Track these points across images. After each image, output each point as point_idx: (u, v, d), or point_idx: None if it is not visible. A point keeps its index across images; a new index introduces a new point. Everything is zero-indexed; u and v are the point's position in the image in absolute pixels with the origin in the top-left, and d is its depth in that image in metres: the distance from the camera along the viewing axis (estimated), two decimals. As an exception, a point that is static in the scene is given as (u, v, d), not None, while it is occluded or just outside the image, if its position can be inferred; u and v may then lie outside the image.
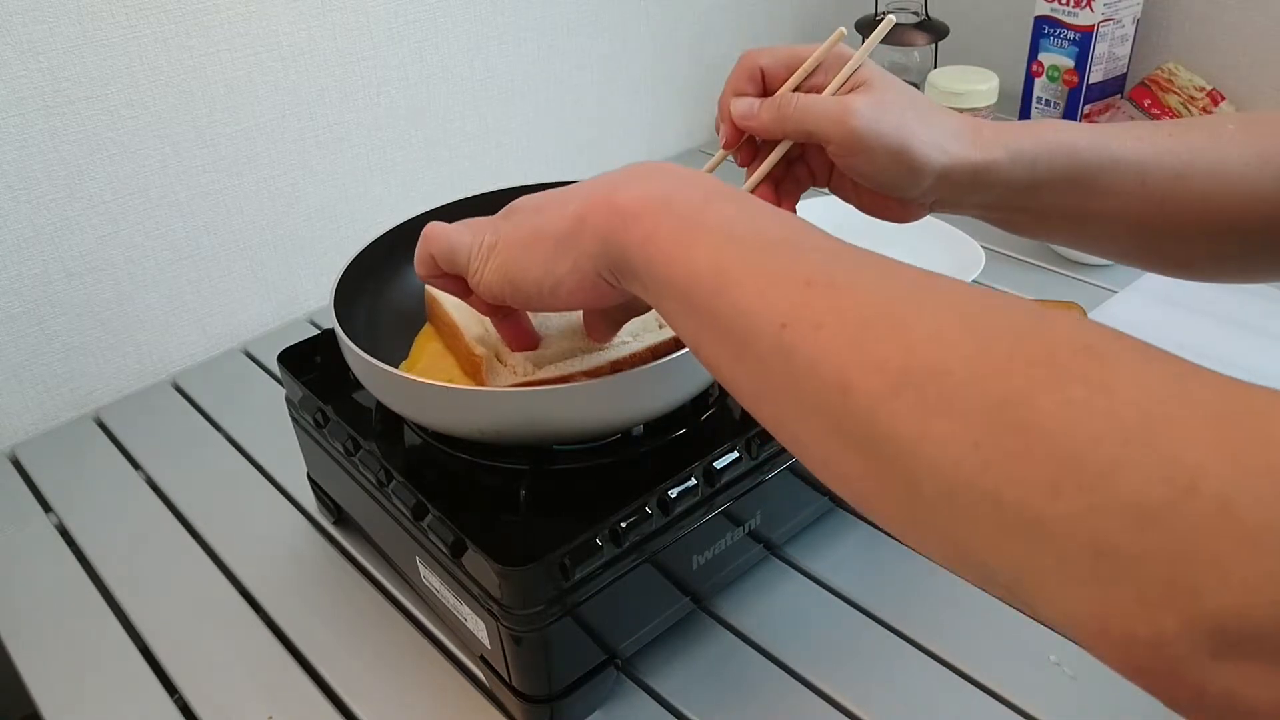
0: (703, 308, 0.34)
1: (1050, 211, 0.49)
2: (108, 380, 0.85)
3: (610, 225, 0.38)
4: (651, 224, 0.37)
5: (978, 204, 0.50)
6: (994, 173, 0.47)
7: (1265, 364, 0.78)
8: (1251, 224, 0.47)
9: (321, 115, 0.91)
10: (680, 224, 0.36)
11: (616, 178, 0.40)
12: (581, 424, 0.51)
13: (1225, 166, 0.47)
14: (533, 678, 0.52)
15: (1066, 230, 0.51)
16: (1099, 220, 0.49)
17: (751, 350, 0.33)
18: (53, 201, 0.77)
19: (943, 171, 0.47)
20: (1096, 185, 0.48)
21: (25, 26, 0.72)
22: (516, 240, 0.42)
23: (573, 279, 0.40)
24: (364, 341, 0.52)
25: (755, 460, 0.56)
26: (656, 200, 0.37)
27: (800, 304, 0.32)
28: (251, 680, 0.59)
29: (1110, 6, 1.04)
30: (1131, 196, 0.48)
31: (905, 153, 0.46)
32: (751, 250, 0.34)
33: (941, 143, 0.47)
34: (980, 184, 0.48)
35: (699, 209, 0.37)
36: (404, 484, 0.53)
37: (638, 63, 1.16)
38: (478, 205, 0.65)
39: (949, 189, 0.48)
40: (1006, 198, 0.49)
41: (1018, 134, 0.48)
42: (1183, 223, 0.48)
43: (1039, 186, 0.48)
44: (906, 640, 0.59)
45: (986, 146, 0.47)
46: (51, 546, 0.70)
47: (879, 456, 0.29)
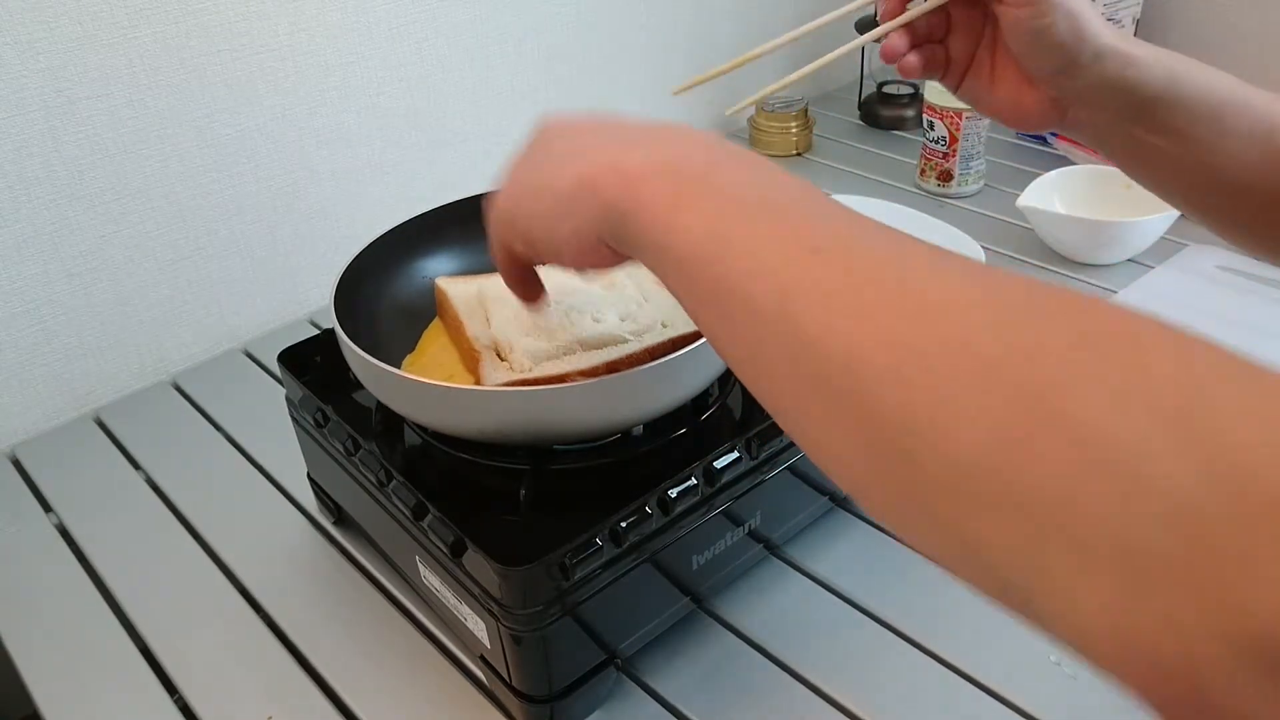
0: (702, 274, 0.32)
1: (1177, 138, 0.48)
2: (108, 380, 0.85)
3: (612, 191, 0.36)
4: (654, 188, 0.35)
5: (1116, 107, 0.49)
6: (1138, 70, 0.47)
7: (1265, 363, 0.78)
8: None
9: (321, 115, 0.91)
10: (683, 187, 0.34)
11: (628, 136, 0.38)
12: (581, 424, 0.51)
13: None
14: (533, 678, 0.52)
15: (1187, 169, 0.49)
16: (1221, 162, 0.48)
17: (750, 320, 0.31)
18: (53, 201, 0.77)
19: (1100, 50, 0.47)
20: (1227, 122, 0.47)
21: (25, 26, 0.72)
22: (525, 187, 0.41)
23: (574, 241, 0.38)
24: (364, 341, 0.52)
25: (755, 460, 0.56)
26: (661, 164, 0.35)
27: (805, 272, 0.29)
28: (251, 680, 0.59)
29: (1110, 7, 1.04)
30: (1259, 143, 0.47)
31: (1077, 17, 0.46)
32: (756, 214, 0.32)
33: (1101, 27, 0.47)
34: (1124, 81, 0.47)
35: (704, 172, 0.35)
36: (404, 484, 0.53)
37: (638, 63, 1.16)
38: (477, 205, 0.65)
39: (1095, 78, 0.47)
40: (1144, 107, 0.48)
41: (1158, 49, 0.47)
42: None
43: (1174, 104, 0.47)
44: (906, 640, 0.59)
45: (1131, 43, 0.47)
46: (51, 546, 0.70)
47: (883, 438, 0.27)
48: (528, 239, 0.41)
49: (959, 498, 0.25)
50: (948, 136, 1.05)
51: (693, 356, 0.50)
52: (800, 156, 1.22)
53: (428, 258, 0.65)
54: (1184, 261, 0.93)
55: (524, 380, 0.52)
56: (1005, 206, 1.04)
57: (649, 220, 0.35)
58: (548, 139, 0.42)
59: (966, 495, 0.25)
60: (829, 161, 1.20)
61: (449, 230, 0.65)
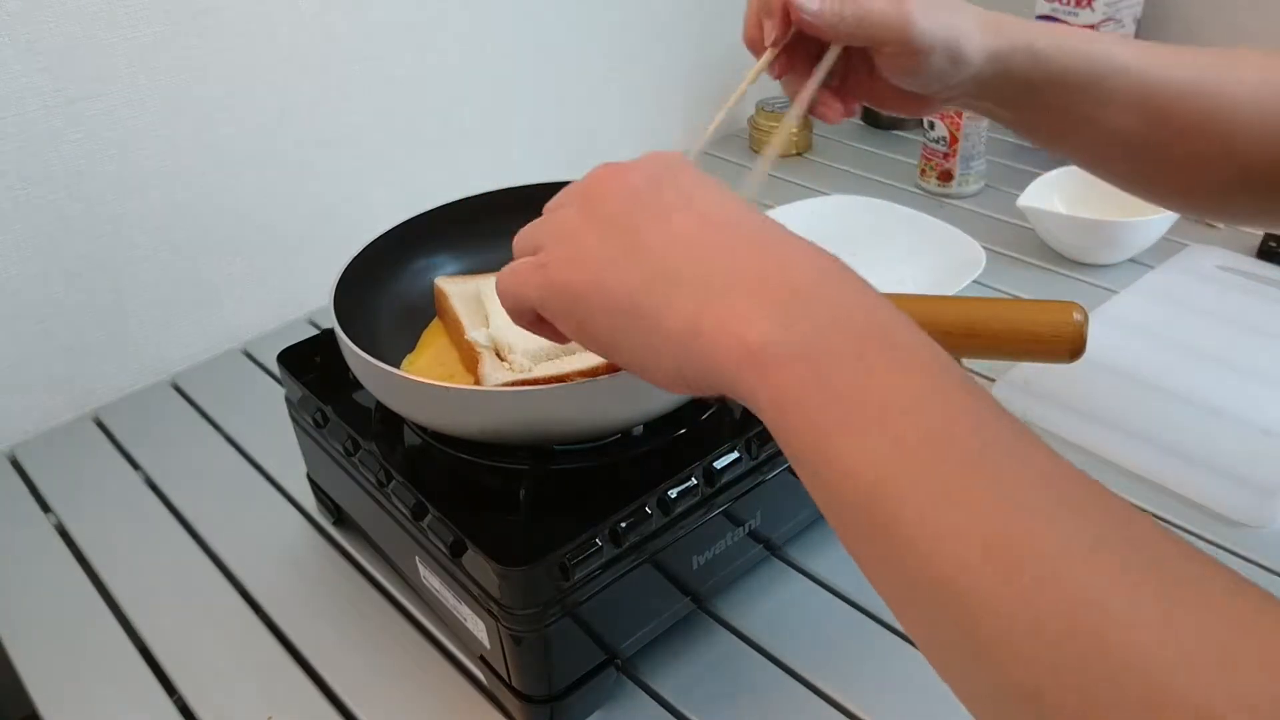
0: (854, 518, 0.29)
1: (1059, 113, 0.50)
2: (108, 380, 0.85)
3: (733, 365, 0.31)
4: (787, 383, 0.29)
5: (997, 98, 0.50)
6: (1011, 63, 0.48)
7: (1265, 364, 0.78)
8: (1254, 159, 0.47)
9: (321, 115, 0.91)
10: (826, 398, 0.29)
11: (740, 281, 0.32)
12: (581, 424, 0.51)
13: (1232, 93, 0.47)
14: (533, 678, 0.52)
15: (1073, 137, 0.51)
16: (1103, 129, 0.49)
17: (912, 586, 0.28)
18: (53, 201, 0.77)
19: (979, 64, 0.48)
20: (1104, 91, 0.48)
21: (25, 26, 0.72)
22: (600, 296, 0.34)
23: (665, 379, 0.34)
24: (364, 341, 0.52)
25: (755, 460, 0.56)
26: (796, 350, 0.30)
27: (976, 568, 0.26)
28: (251, 680, 0.59)
29: (1111, 6, 1.04)
30: (1136, 107, 0.48)
31: (956, 52, 0.47)
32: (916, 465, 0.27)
33: (976, 36, 0.47)
34: (1001, 75, 0.48)
35: (852, 375, 0.29)
36: (404, 484, 0.53)
37: (638, 64, 1.16)
38: (477, 205, 0.65)
39: (974, 83, 0.49)
40: (1020, 93, 0.49)
41: (1038, 30, 0.48)
42: (1184, 144, 0.48)
43: (1054, 84, 0.48)
44: (906, 640, 0.59)
45: (1010, 36, 0.48)
46: (51, 546, 0.70)
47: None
48: (586, 336, 0.36)
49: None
50: (948, 136, 1.05)
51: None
52: (800, 156, 1.22)
53: (428, 258, 0.65)
54: (1184, 261, 0.93)
55: (524, 380, 0.52)
56: (1005, 206, 1.04)
57: (791, 427, 0.30)
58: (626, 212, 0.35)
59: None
60: (829, 161, 1.20)
61: (449, 230, 0.65)
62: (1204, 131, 0.47)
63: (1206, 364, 0.78)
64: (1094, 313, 0.86)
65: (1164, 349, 0.81)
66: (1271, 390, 0.75)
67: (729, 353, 0.31)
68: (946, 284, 0.86)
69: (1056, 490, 0.27)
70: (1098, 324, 0.81)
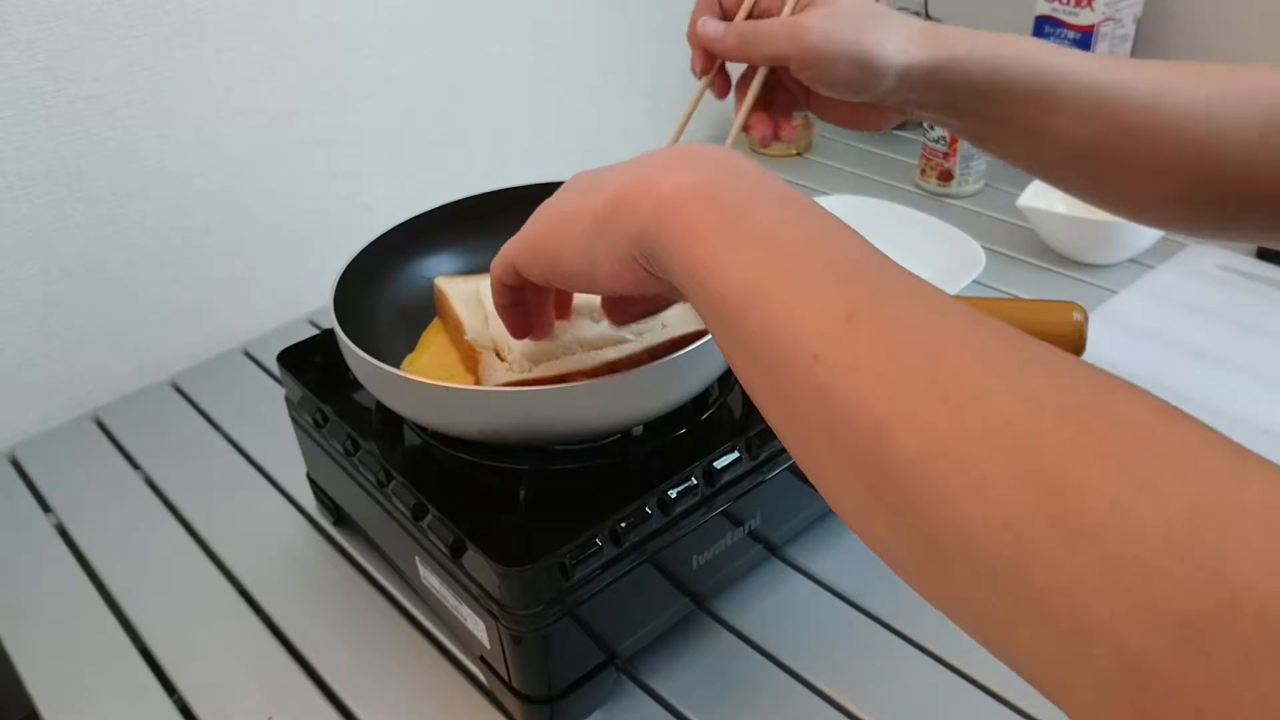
0: (735, 321, 0.32)
1: (1006, 123, 0.50)
2: (108, 380, 0.85)
3: (648, 213, 0.36)
4: (690, 218, 0.34)
5: (941, 106, 0.51)
6: (953, 70, 0.48)
7: (1265, 364, 0.78)
8: (1206, 171, 0.47)
9: (321, 115, 0.91)
10: (721, 222, 0.34)
11: (661, 160, 0.38)
12: (581, 424, 0.51)
13: (1185, 105, 0.47)
14: (533, 678, 0.52)
15: (1023, 146, 0.51)
16: (1055, 140, 0.49)
17: (782, 377, 0.30)
18: (53, 201, 0.77)
19: (903, 71, 0.48)
20: (1053, 101, 0.48)
21: (25, 26, 0.72)
22: (555, 214, 0.41)
23: (609, 263, 0.38)
24: (364, 341, 0.52)
25: (755, 460, 0.56)
26: (699, 191, 0.35)
27: (837, 339, 0.29)
28: (251, 680, 0.59)
29: (1111, 6, 1.04)
30: (1088, 119, 0.48)
31: (864, 58, 0.48)
32: (792, 266, 0.31)
33: (901, 44, 0.48)
34: (939, 83, 0.49)
35: (743, 208, 0.34)
36: (404, 484, 0.53)
37: (638, 63, 1.16)
38: (477, 205, 0.65)
39: (911, 89, 0.49)
40: (962, 101, 0.49)
41: (981, 38, 0.49)
42: (1137, 157, 0.48)
43: (998, 93, 0.48)
44: (906, 640, 0.59)
45: (948, 45, 0.48)
46: (51, 546, 0.70)
47: (910, 523, 0.27)
48: (555, 264, 0.40)
49: (978, 586, 0.25)
50: (947, 136, 1.05)
51: (693, 356, 0.50)
52: (800, 156, 1.22)
53: (428, 258, 0.65)
54: (1184, 261, 0.93)
55: (523, 380, 0.52)
56: (1005, 206, 1.04)
57: (683, 251, 0.34)
58: (578, 181, 0.42)
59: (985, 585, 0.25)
60: (829, 161, 1.20)
61: (449, 230, 0.65)
62: (1157, 143, 0.47)
63: (1206, 364, 0.78)
64: (1094, 313, 0.86)
65: (1163, 349, 0.81)
66: (1271, 390, 0.75)
67: (647, 203, 0.36)
68: (946, 284, 0.86)
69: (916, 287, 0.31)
70: (1098, 324, 0.81)
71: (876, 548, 0.29)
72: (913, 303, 0.30)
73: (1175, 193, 0.49)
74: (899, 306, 0.29)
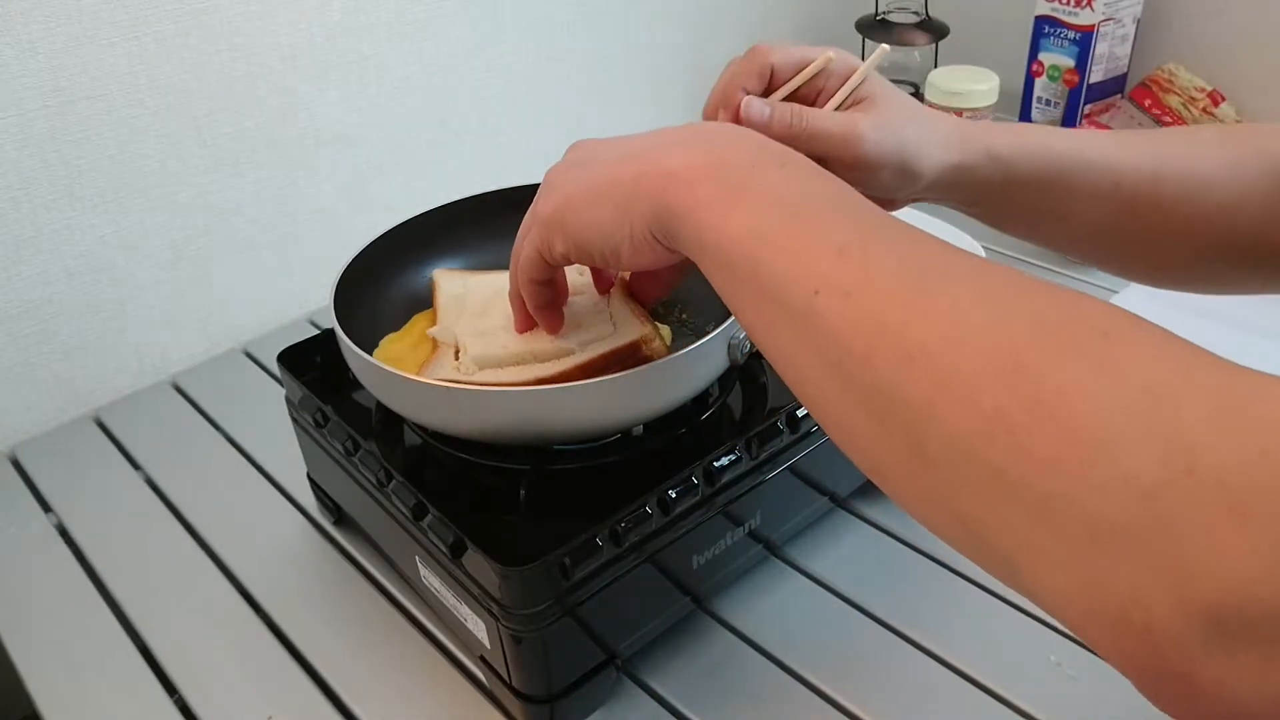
0: (742, 273, 0.35)
1: (1026, 210, 0.51)
2: (108, 380, 0.85)
3: (662, 190, 0.39)
4: (700, 190, 0.38)
5: (957, 199, 0.52)
6: (974, 173, 0.49)
7: (1265, 364, 0.78)
8: (1220, 233, 0.49)
9: (321, 115, 0.91)
10: (726, 189, 0.37)
11: (671, 138, 0.41)
12: (581, 424, 0.51)
13: (1196, 174, 0.48)
14: (533, 678, 0.52)
15: (1043, 229, 0.53)
16: (1073, 221, 0.51)
17: (785, 314, 0.34)
18: (53, 201, 0.77)
19: (934, 179, 0.49)
20: (1070, 186, 0.49)
21: (25, 26, 0.72)
22: (578, 194, 0.42)
23: (631, 243, 0.41)
24: (364, 341, 0.52)
25: (755, 460, 0.56)
26: (707, 165, 0.38)
27: (832, 271, 0.33)
28: (251, 680, 0.59)
29: (1111, 6, 1.04)
30: (1104, 199, 0.49)
31: (905, 169, 0.48)
32: (791, 216, 0.35)
33: (935, 152, 0.49)
34: (960, 183, 0.50)
35: (746, 173, 0.37)
36: (404, 484, 0.53)
37: (638, 63, 1.16)
38: (476, 205, 0.65)
39: (935, 189, 0.50)
40: (985, 195, 0.51)
41: (998, 135, 0.49)
42: (1153, 228, 0.49)
43: (1014, 185, 0.50)
44: (906, 640, 0.59)
45: (969, 150, 0.49)
46: (51, 546, 0.70)
47: (890, 422, 0.30)
48: (581, 243, 0.43)
49: (956, 476, 0.28)
50: (948, 136, 1.05)
51: (693, 357, 0.50)
52: (800, 156, 1.21)
53: (428, 258, 0.65)
54: (1184, 261, 0.93)
55: (458, 381, 0.52)
56: (1005, 206, 1.04)
57: (696, 220, 0.37)
58: (586, 153, 0.44)
59: (962, 474, 0.28)
60: (829, 161, 1.20)
61: (449, 230, 0.65)
62: (1170, 215, 0.49)
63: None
64: (1094, 313, 0.86)
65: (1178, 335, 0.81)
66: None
67: (660, 182, 0.39)
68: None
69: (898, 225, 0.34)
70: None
71: (865, 463, 0.33)
72: (896, 236, 0.34)
73: (1192, 258, 0.50)
74: (884, 240, 0.33)
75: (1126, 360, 0.26)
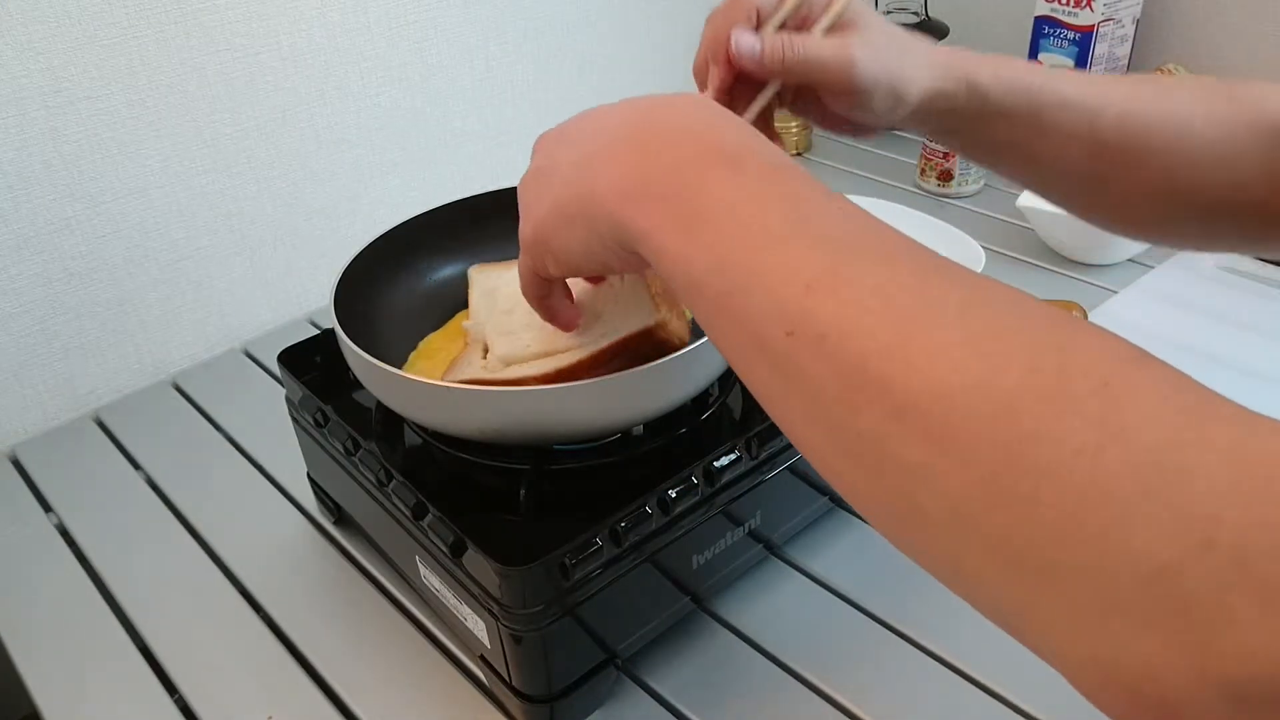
0: (712, 307, 0.33)
1: (1004, 144, 0.51)
2: (108, 380, 0.85)
3: (610, 211, 0.36)
4: (649, 212, 0.35)
5: (936, 129, 0.51)
6: (953, 100, 0.49)
7: (1265, 364, 0.78)
8: (1193, 184, 0.48)
9: (321, 115, 0.91)
10: (678, 214, 0.34)
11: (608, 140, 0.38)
12: (581, 424, 0.51)
13: (1174, 121, 0.48)
14: (533, 677, 0.52)
15: (1017, 165, 0.52)
16: (1046, 159, 0.50)
17: (761, 353, 0.31)
18: (53, 201, 0.77)
19: (919, 101, 0.49)
20: (1044, 123, 0.49)
21: (25, 26, 0.72)
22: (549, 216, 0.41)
23: (617, 258, 0.39)
24: (364, 341, 0.52)
25: (755, 460, 0.56)
26: (647, 178, 0.36)
27: (803, 312, 0.30)
28: (251, 680, 0.59)
29: (1110, 6, 1.04)
30: (1080, 139, 0.49)
31: (895, 92, 0.48)
32: (753, 244, 0.32)
33: (922, 76, 0.48)
34: (939, 110, 0.49)
35: (694, 189, 0.34)
36: (404, 484, 0.53)
37: (638, 63, 1.16)
38: (477, 205, 0.65)
39: (919, 114, 0.50)
40: (962, 124, 0.50)
41: (981, 65, 0.49)
42: (1126, 173, 0.49)
43: (991, 117, 0.49)
44: (906, 640, 0.59)
45: (950, 78, 0.49)
46: (51, 546, 0.70)
47: (884, 477, 0.28)
48: (569, 263, 0.41)
49: (956, 537, 0.26)
50: (948, 136, 1.05)
51: (693, 356, 0.50)
52: (800, 156, 1.22)
53: (428, 258, 0.65)
54: (1184, 261, 0.93)
55: (480, 380, 0.52)
56: (1005, 206, 1.04)
57: (654, 247, 0.35)
58: (547, 155, 0.42)
59: (962, 537, 0.26)
60: (829, 161, 1.20)
61: (449, 230, 0.65)
62: (1143, 163, 0.48)
63: (1206, 364, 0.78)
64: (1094, 313, 0.86)
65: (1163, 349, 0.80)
66: (1271, 390, 0.75)
67: (607, 203, 0.37)
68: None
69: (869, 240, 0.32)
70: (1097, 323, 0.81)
71: (859, 508, 0.30)
72: (869, 260, 0.30)
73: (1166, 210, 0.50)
74: (856, 266, 0.30)
75: (1131, 416, 0.24)
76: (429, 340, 0.62)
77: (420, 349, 0.61)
